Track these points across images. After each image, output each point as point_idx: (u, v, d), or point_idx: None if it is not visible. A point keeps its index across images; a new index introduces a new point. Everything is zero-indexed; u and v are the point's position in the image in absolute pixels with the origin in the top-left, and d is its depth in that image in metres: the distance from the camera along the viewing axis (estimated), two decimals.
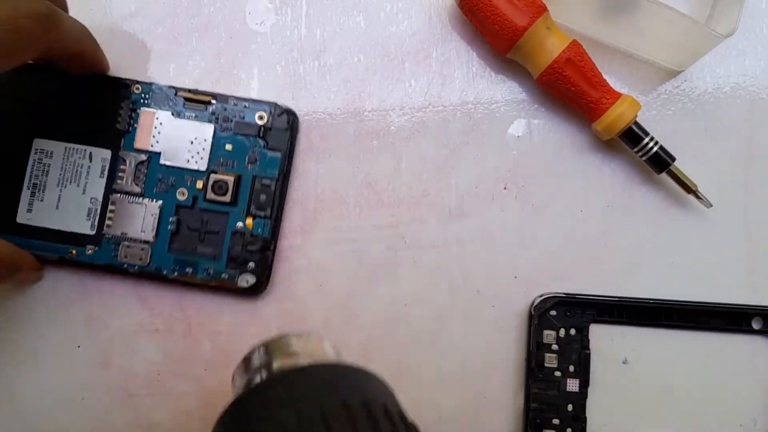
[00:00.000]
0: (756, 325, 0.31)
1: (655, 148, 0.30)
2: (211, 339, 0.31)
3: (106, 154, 0.29)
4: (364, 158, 0.32)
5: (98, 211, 0.29)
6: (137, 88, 0.30)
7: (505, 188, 0.32)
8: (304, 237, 0.31)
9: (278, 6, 0.32)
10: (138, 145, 0.30)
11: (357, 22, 0.32)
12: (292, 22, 0.32)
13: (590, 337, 0.31)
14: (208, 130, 0.30)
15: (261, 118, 0.30)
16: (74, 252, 0.30)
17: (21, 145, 0.30)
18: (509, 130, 0.32)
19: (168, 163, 0.30)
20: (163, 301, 0.31)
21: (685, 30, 0.29)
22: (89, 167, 0.29)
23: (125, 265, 0.30)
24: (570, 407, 0.30)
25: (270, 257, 0.30)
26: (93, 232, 0.29)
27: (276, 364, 0.23)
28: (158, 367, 0.31)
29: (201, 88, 0.32)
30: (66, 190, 0.29)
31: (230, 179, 0.29)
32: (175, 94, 0.30)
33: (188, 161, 0.30)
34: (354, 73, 0.32)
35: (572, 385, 0.30)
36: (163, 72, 0.32)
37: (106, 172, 0.30)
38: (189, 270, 0.30)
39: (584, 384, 0.30)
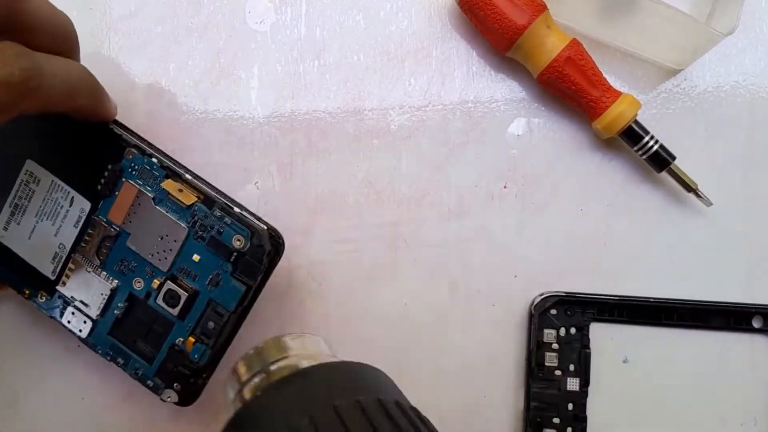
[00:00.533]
0: (756, 323, 0.31)
1: (656, 147, 0.30)
2: None
3: (86, 206, 0.28)
4: (364, 157, 0.32)
5: (62, 260, 0.28)
6: (130, 154, 0.27)
7: (505, 187, 0.32)
8: (304, 237, 0.31)
9: (278, 5, 0.32)
10: (112, 216, 0.28)
11: (357, 21, 0.32)
12: (292, 22, 0.32)
13: (590, 336, 0.31)
14: (181, 232, 0.27)
15: (238, 241, 0.27)
16: (27, 292, 0.29)
17: (15, 162, 0.28)
18: (509, 128, 0.32)
19: (133, 248, 0.28)
20: None
21: (685, 29, 0.29)
22: (67, 211, 0.28)
23: (67, 325, 0.29)
24: (570, 406, 0.30)
25: (200, 384, 0.28)
26: (53, 278, 0.29)
27: (275, 368, 0.23)
28: None
29: (201, 87, 0.32)
30: (41, 224, 0.28)
31: (184, 294, 0.27)
32: (162, 176, 0.27)
33: (152, 255, 0.28)
34: (354, 72, 0.32)
35: (572, 384, 0.30)
36: (163, 71, 0.32)
37: (80, 225, 0.28)
38: (120, 361, 0.29)
39: (584, 383, 0.30)
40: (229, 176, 0.31)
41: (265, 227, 0.27)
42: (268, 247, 0.27)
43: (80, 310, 0.29)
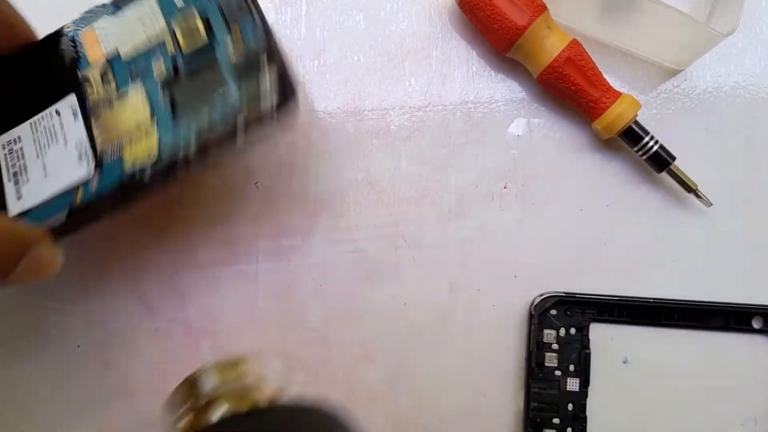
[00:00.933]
0: (756, 324, 0.31)
1: (655, 147, 0.30)
2: (211, 339, 0.31)
3: (71, 98, 0.26)
4: (364, 158, 0.32)
5: (87, 148, 0.26)
6: (68, 27, 0.27)
7: (505, 187, 0.32)
8: (304, 237, 0.31)
9: (278, 5, 0.32)
10: (92, 60, 0.26)
11: (357, 21, 0.32)
12: (292, 22, 0.32)
13: (590, 336, 0.31)
14: (150, 1, 0.26)
15: None
16: (79, 195, 0.25)
17: None
18: (509, 129, 0.32)
19: (130, 54, 0.26)
20: (163, 301, 0.31)
21: (685, 29, 0.29)
22: (60, 121, 0.26)
23: (136, 174, 0.25)
24: (570, 406, 0.30)
25: (278, 45, 0.25)
26: (92, 166, 0.26)
27: (201, 405, 0.22)
28: (158, 367, 0.31)
29: None
30: (47, 155, 0.26)
31: (195, 19, 0.25)
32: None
33: (148, 39, 0.26)
34: (354, 73, 0.32)
35: (572, 384, 0.30)
36: None
37: (78, 113, 0.26)
38: (203, 122, 0.25)
39: (584, 383, 0.30)
40: (230, 176, 0.31)
41: None
42: None
43: (133, 135, 0.25)
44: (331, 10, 0.32)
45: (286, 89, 0.24)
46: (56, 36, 0.27)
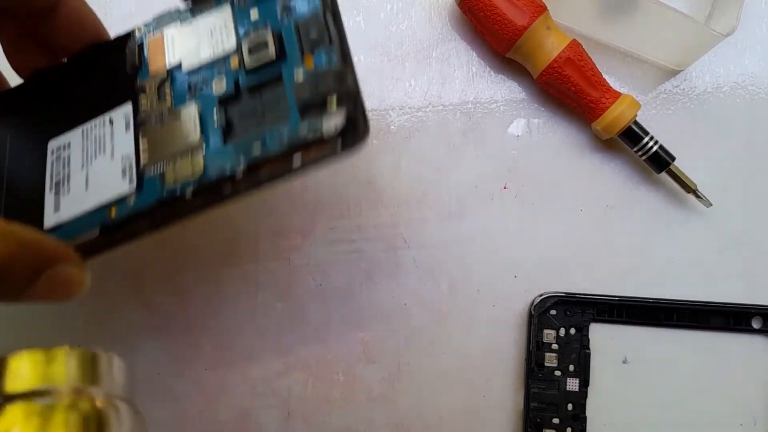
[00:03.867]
0: (756, 324, 0.31)
1: (655, 148, 0.30)
2: (211, 339, 0.31)
3: (127, 107, 0.24)
4: (364, 158, 0.32)
5: (132, 164, 0.24)
6: (139, 29, 0.25)
7: (504, 188, 0.32)
8: (304, 237, 0.31)
9: None
10: (154, 71, 0.25)
11: (357, 21, 0.32)
12: None
13: (590, 336, 0.31)
14: (225, 12, 0.24)
15: None
16: (113, 210, 0.23)
17: (35, 153, 0.25)
18: (509, 129, 0.32)
19: (191, 67, 0.24)
20: (164, 301, 0.31)
21: (684, 29, 0.29)
22: (112, 131, 0.24)
23: (178, 191, 0.22)
24: (570, 407, 0.30)
25: (353, 86, 0.22)
26: (133, 185, 0.23)
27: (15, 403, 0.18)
28: (158, 367, 0.31)
29: None
30: (92, 166, 0.24)
31: (268, 35, 0.23)
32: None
33: (213, 52, 0.24)
34: None
35: (572, 384, 0.30)
36: None
37: (131, 124, 0.24)
38: (257, 148, 0.22)
39: (584, 383, 0.30)
40: None
41: None
42: None
43: (178, 154, 0.23)
44: None
45: (354, 133, 0.22)
46: (124, 38, 0.26)
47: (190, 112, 0.24)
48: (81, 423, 0.19)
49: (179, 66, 0.24)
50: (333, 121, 0.21)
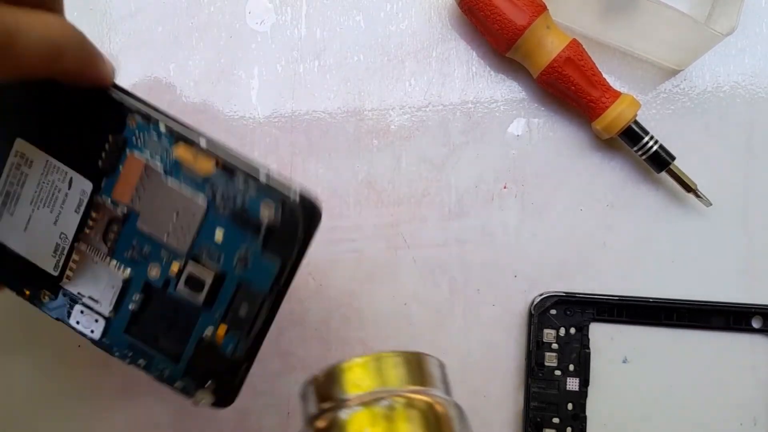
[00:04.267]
0: (756, 323, 0.31)
1: (655, 147, 0.30)
2: None
3: (87, 187, 0.24)
4: (364, 157, 0.32)
5: (65, 252, 0.24)
6: (133, 122, 0.23)
7: (504, 187, 0.32)
8: None
9: (278, 6, 0.32)
10: (117, 195, 0.24)
11: (357, 21, 0.32)
12: (292, 22, 0.32)
13: (590, 336, 0.31)
14: (199, 204, 0.23)
15: (266, 211, 0.22)
16: (28, 293, 0.25)
17: (2, 142, 0.24)
18: (509, 129, 0.32)
19: (145, 229, 0.24)
20: None
21: (684, 29, 0.29)
22: (66, 194, 0.24)
23: (76, 327, 0.25)
24: (570, 406, 0.30)
25: (238, 381, 0.23)
26: (56, 273, 0.25)
27: (357, 411, 0.19)
28: None
29: (201, 87, 0.32)
30: (38, 212, 0.24)
31: (209, 277, 0.23)
32: (172, 143, 0.23)
33: (168, 236, 0.23)
34: (354, 73, 0.32)
35: (572, 384, 0.30)
36: (163, 71, 0.32)
37: (82, 209, 0.24)
38: (142, 362, 0.24)
39: (584, 383, 0.30)
40: None
41: (297, 191, 0.22)
42: (301, 216, 0.22)
43: (90, 308, 0.24)
44: (331, 10, 0.32)
45: (218, 404, 0.24)
46: (120, 111, 0.24)
47: (119, 275, 0.24)
48: (422, 421, 0.20)
49: (138, 217, 0.24)
50: (204, 398, 0.23)
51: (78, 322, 0.24)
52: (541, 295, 0.30)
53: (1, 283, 0.25)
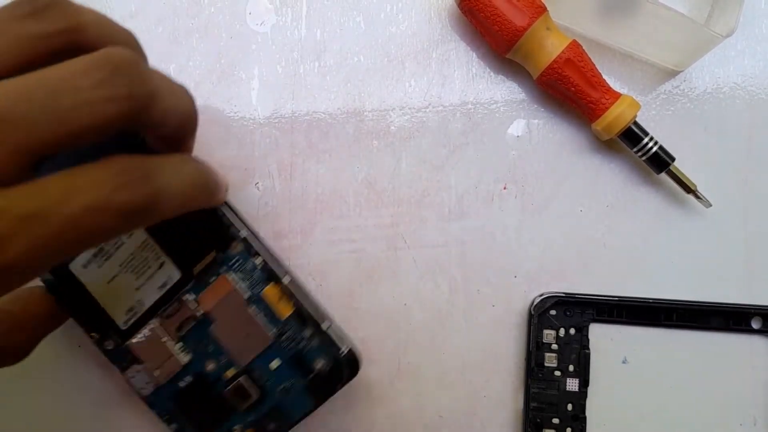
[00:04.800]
0: (755, 324, 0.31)
1: (655, 148, 0.30)
2: None
3: (175, 275, 0.27)
4: (364, 158, 0.32)
5: (137, 316, 0.27)
6: (236, 248, 0.27)
7: (504, 188, 0.32)
8: (304, 237, 0.31)
9: (278, 6, 0.32)
10: (202, 300, 0.27)
11: (357, 22, 0.32)
12: (293, 23, 0.32)
13: (590, 336, 0.31)
14: (267, 336, 0.27)
15: (320, 364, 0.27)
16: (96, 336, 0.28)
17: None
18: (509, 130, 0.32)
19: (215, 335, 0.27)
20: None
21: (684, 30, 0.29)
22: (154, 274, 0.27)
23: (130, 380, 0.28)
24: (570, 407, 0.30)
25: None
26: (123, 328, 0.28)
27: None
28: None
29: (202, 88, 0.32)
30: (124, 275, 0.27)
31: (254, 393, 0.27)
32: (263, 280, 0.27)
33: (232, 348, 0.27)
34: (354, 74, 0.32)
35: (572, 384, 0.30)
36: (163, 72, 0.32)
37: (164, 290, 0.27)
38: (174, 426, 0.28)
39: (584, 383, 0.30)
40: (230, 177, 0.31)
41: (348, 349, 0.27)
42: (346, 374, 0.27)
43: (147, 372, 0.28)
44: (331, 11, 0.32)
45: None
46: (225, 235, 0.27)
47: (181, 358, 0.28)
48: None
49: (212, 323, 0.27)
50: None
51: (133, 377, 0.28)
52: (541, 295, 0.30)
53: (70, 316, 0.28)
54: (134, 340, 0.28)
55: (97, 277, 0.27)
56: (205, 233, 0.27)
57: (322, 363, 0.27)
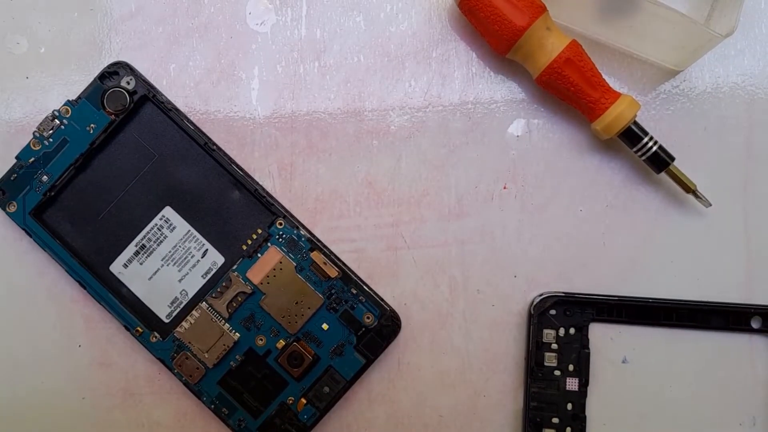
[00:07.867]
0: (755, 324, 0.31)
1: (655, 148, 0.30)
2: None
3: (219, 260, 0.29)
4: (364, 158, 0.32)
5: (182, 306, 0.29)
6: (280, 223, 0.29)
7: (504, 188, 0.32)
8: None
9: (278, 6, 0.32)
10: (250, 275, 0.29)
11: (357, 22, 0.32)
12: (293, 23, 0.32)
13: (590, 336, 0.31)
14: (317, 301, 0.29)
15: (368, 318, 0.29)
16: (140, 330, 0.29)
17: (153, 205, 0.29)
18: (509, 129, 0.32)
19: (265, 308, 0.29)
20: None
21: (684, 30, 0.29)
22: (198, 262, 0.29)
23: (174, 371, 0.29)
24: (569, 406, 0.30)
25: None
26: (167, 321, 0.29)
27: None
28: (158, 366, 0.31)
29: (202, 88, 0.32)
30: (166, 269, 0.29)
31: (309, 358, 0.29)
32: (309, 250, 0.29)
33: (283, 317, 0.29)
34: (354, 73, 0.32)
35: (572, 384, 0.30)
36: (163, 72, 0.32)
37: (209, 276, 0.29)
38: (225, 411, 0.29)
39: (584, 383, 0.30)
40: None
41: (391, 306, 0.29)
42: (393, 329, 0.29)
43: (195, 357, 0.29)
44: (331, 11, 0.32)
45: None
46: (269, 212, 0.30)
47: (230, 337, 0.29)
48: None
49: (263, 296, 0.29)
50: None
51: (180, 365, 0.29)
52: (540, 295, 0.31)
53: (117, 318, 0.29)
54: (180, 329, 0.29)
55: (138, 275, 0.29)
56: (248, 214, 0.29)
57: (370, 318, 0.29)
